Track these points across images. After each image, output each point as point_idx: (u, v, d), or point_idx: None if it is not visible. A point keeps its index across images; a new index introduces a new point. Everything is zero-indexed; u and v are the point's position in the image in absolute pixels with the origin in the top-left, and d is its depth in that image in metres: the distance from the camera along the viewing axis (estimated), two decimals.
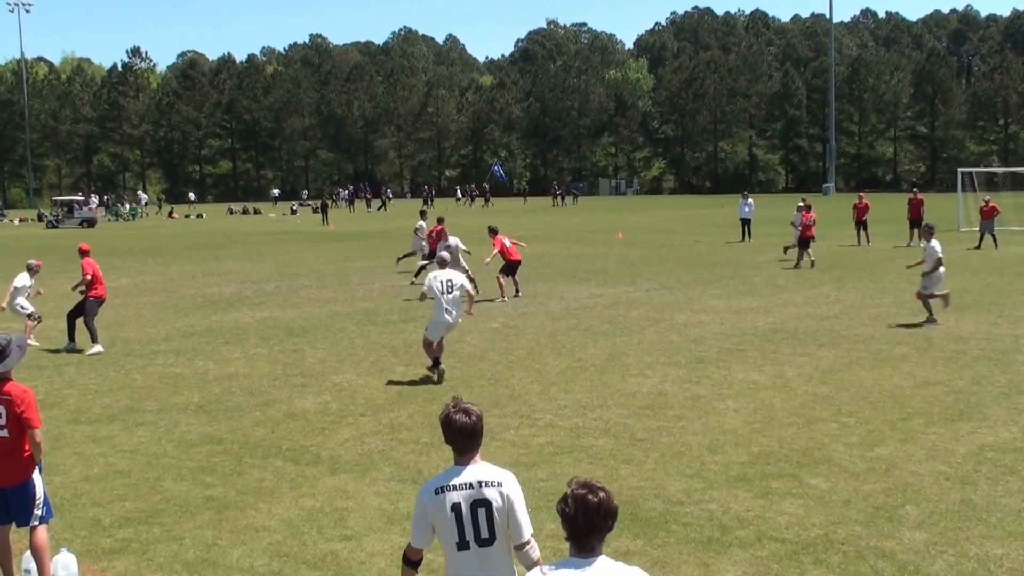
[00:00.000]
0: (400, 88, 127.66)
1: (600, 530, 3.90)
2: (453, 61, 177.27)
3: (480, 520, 4.65)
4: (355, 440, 11.00)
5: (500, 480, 4.71)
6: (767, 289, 23.93)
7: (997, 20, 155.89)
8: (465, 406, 4.79)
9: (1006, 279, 25.40)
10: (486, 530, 4.65)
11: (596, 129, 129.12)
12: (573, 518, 3.87)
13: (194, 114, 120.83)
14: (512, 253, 23.36)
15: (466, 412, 4.75)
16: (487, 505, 4.65)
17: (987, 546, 7.62)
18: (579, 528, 3.88)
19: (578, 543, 3.92)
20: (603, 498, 3.90)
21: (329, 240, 45.04)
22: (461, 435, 4.74)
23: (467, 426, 4.73)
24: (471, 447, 4.78)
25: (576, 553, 3.94)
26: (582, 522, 3.87)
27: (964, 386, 13.07)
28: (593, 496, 3.88)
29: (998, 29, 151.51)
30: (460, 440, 4.75)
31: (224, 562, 7.65)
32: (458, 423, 4.73)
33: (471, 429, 4.74)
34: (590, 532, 3.89)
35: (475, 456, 4.80)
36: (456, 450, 4.81)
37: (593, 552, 3.92)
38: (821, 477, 9.36)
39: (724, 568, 7.32)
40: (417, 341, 17.32)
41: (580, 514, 3.86)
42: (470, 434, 4.75)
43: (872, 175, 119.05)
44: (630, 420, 11.62)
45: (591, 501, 3.87)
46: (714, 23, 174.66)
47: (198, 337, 18.38)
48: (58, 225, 62.95)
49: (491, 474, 4.74)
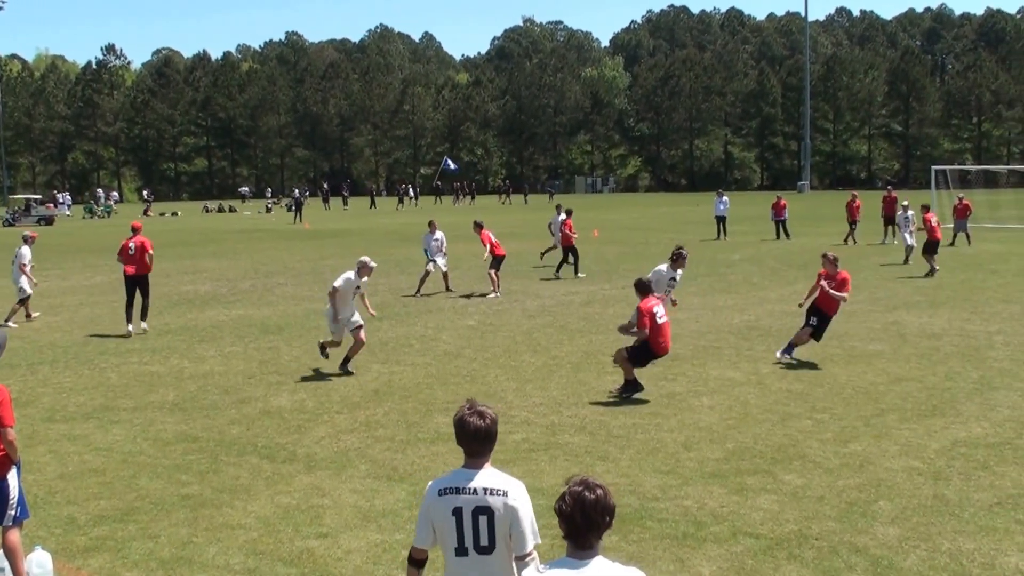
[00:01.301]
0: (376, 86, 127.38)
1: (598, 527, 3.88)
2: (429, 59, 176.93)
3: (481, 527, 4.57)
4: (331, 438, 10.98)
5: (506, 489, 4.60)
6: (742, 287, 24.06)
7: (971, 19, 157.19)
8: (480, 409, 4.67)
9: (979, 276, 25.64)
10: (486, 538, 4.57)
11: (572, 127, 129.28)
12: (570, 516, 3.86)
13: (169, 112, 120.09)
14: (499, 248, 23.71)
15: (481, 415, 4.64)
16: (489, 513, 4.56)
17: (959, 541, 7.70)
18: (576, 526, 3.87)
19: (575, 541, 3.90)
20: (600, 495, 3.88)
21: (304, 238, 44.89)
22: (475, 439, 4.63)
23: (481, 429, 4.62)
24: (483, 451, 4.67)
25: (573, 552, 3.92)
26: (579, 520, 3.85)
27: (937, 382, 13.19)
28: (590, 493, 3.86)
29: (971, 28, 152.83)
30: (473, 443, 4.65)
31: (200, 560, 7.62)
32: (472, 426, 4.62)
33: (485, 433, 4.63)
34: (587, 530, 3.87)
35: (486, 460, 4.69)
36: (467, 453, 4.70)
37: (591, 550, 3.91)
38: (795, 473, 9.43)
39: (699, 563, 7.36)
40: (393, 339, 17.33)
41: (577, 512, 3.85)
42: (484, 438, 4.64)
43: (847, 173, 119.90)
44: (605, 417, 11.67)
45: (588, 498, 3.85)
46: (690, 21, 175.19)
47: (173, 335, 18.29)
48: (15, 223, 63.09)
49: (499, 482, 4.63)
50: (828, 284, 14.78)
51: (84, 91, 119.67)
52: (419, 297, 22.97)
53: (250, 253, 36.75)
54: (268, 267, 31.04)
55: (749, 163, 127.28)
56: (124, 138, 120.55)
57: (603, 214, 61.14)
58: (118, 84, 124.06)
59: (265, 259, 34.01)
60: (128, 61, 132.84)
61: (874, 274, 26.04)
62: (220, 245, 41.24)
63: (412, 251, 34.10)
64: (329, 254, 35.63)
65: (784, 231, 38.84)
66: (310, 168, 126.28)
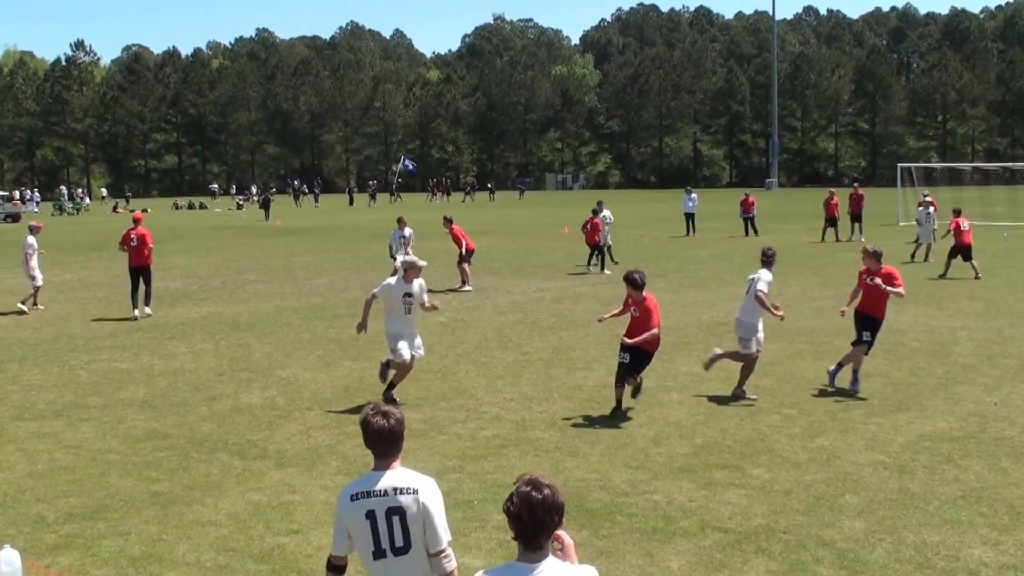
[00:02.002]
0: (347, 83, 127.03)
1: (546, 527, 3.81)
2: (400, 56, 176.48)
3: (395, 528, 4.51)
4: (302, 434, 10.97)
5: (416, 487, 4.53)
6: (712, 283, 24.21)
7: (935, 18, 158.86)
8: (385, 409, 4.60)
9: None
10: (401, 538, 4.51)
11: (542, 124, 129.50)
12: (518, 516, 3.79)
13: (139, 108, 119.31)
14: (469, 242, 23.87)
15: (385, 415, 4.57)
16: (401, 513, 4.50)
17: (924, 533, 7.82)
18: (525, 526, 3.80)
19: (525, 541, 3.84)
20: (548, 495, 3.80)
21: (275, 235, 44.70)
22: (379, 439, 4.56)
23: (384, 429, 4.55)
24: (389, 452, 4.60)
25: (523, 553, 3.86)
26: (527, 520, 3.78)
27: (903, 377, 13.36)
28: (538, 493, 3.79)
29: (936, 27, 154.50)
30: (378, 444, 4.58)
31: (170, 557, 7.61)
32: (375, 426, 4.55)
33: (388, 433, 4.56)
34: (536, 530, 3.80)
35: (394, 461, 4.61)
36: (374, 454, 4.63)
37: (541, 550, 3.84)
38: (763, 467, 9.52)
39: (668, 558, 7.43)
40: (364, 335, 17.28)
41: (525, 512, 3.78)
42: (388, 438, 4.56)
43: (814, 170, 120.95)
44: (575, 413, 11.73)
45: (535, 498, 3.78)
46: (659, 19, 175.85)
47: (143, 332, 18.18)
48: None
49: (407, 480, 4.56)
50: (873, 280, 12.95)
51: (53, 87, 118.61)
52: None
53: (221, 250, 36.56)
54: (239, 264, 30.89)
55: (718, 160, 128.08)
56: (93, 135, 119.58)
57: (573, 211, 61.20)
58: (87, 80, 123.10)
59: (236, 256, 33.84)
60: (98, 57, 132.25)
61: (841, 271, 26.27)
62: (190, 242, 40.97)
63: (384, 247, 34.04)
64: (300, 251, 35.51)
65: (752, 228, 39.12)
66: (281, 165, 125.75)
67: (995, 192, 63.07)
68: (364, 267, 28.96)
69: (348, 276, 26.96)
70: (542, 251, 33.83)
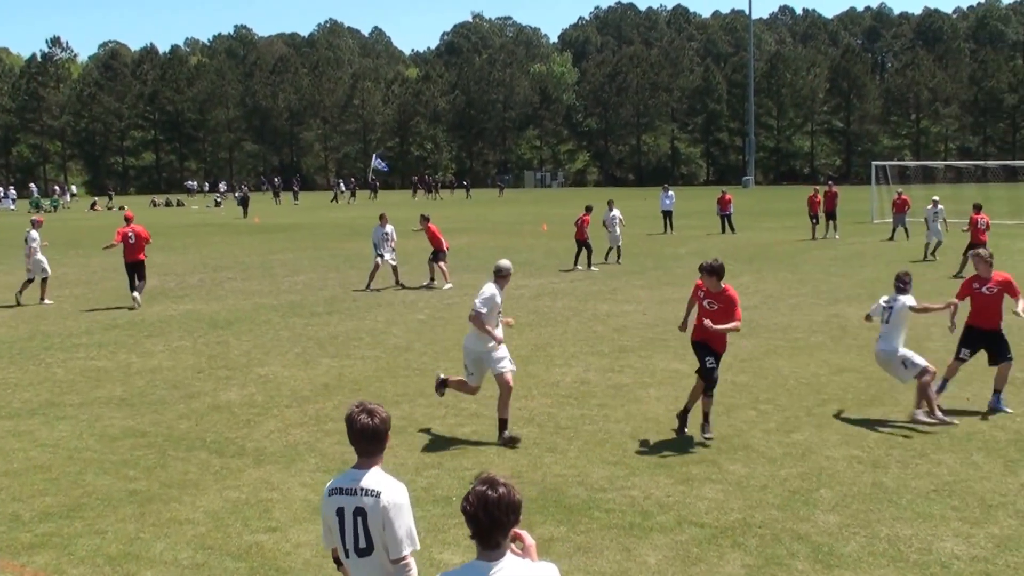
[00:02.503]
0: (326, 80, 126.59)
1: (502, 526, 3.79)
2: (379, 54, 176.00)
3: (359, 528, 4.52)
4: (280, 432, 10.97)
5: (380, 490, 4.50)
6: (689, 280, 24.22)
7: (909, 18, 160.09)
8: (371, 407, 4.59)
9: (917, 269, 26.10)
10: (363, 540, 4.52)
11: (521, 122, 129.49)
12: (474, 515, 3.77)
13: (116, 105, 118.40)
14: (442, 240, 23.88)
15: (370, 413, 4.55)
16: (363, 514, 4.50)
17: (897, 527, 7.91)
18: (480, 525, 3.79)
19: (481, 540, 3.82)
20: (503, 493, 3.78)
21: (253, 232, 44.54)
22: (362, 437, 4.57)
23: (367, 428, 4.54)
24: (371, 451, 4.60)
25: (481, 552, 3.85)
26: (483, 518, 3.77)
27: (876, 372, 13.42)
28: (493, 491, 3.77)
29: (910, 27, 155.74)
30: (360, 442, 4.59)
31: (147, 555, 7.60)
32: (359, 424, 4.55)
33: (371, 432, 4.55)
34: (491, 528, 3.79)
35: (375, 461, 4.61)
36: (357, 452, 4.63)
37: (498, 549, 3.83)
38: (739, 463, 9.60)
39: (645, 552, 7.49)
40: (343, 333, 17.30)
41: (481, 510, 3.76)
42: (371, 436, 4.56)
43: (790, 168, 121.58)
44: (554, 409, 11.78)
45: (491, 497, 3.76)
46: (637, 18, 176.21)
47: (120, 330, 18.10)
48: None
49: (375, 483, 4.53)
50: (989, 290, 11.76)
51: (29, 84, 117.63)
52: (369, 291, 22.94)
53: (199, 247, 36.40)
54: (217, 262, 30.78)
55: (695, 158, 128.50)
56: (70, 132, 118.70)
57: (552, 208, 61.34)
58: (64, 77, 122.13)
59: (214, 253, 33.71)
60: (74, 54, 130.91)
61: (816, 268, 26.45)
62: (168, 239, 40.72)
63: (362, 245, 33.99)
64: (279, 248, 35.41)
65: (729, 225, 39.31)
66: (259, 162, 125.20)
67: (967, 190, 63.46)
68: (343, 265, 28.92)
69: (327, 274, 26.91)
70: (521, 248, 33.85)
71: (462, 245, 33.55)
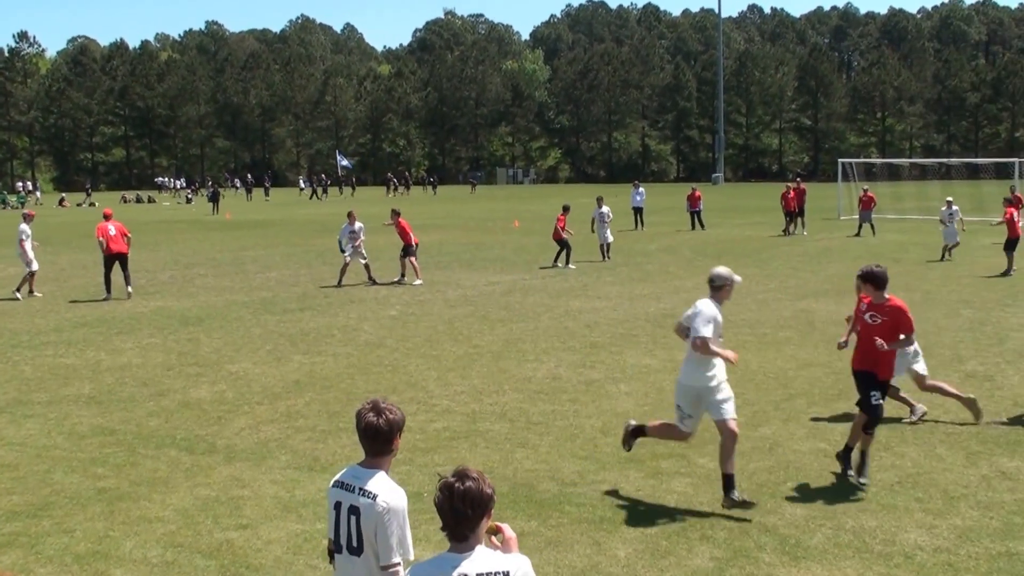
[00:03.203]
0: (297, 76, 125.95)
1: (469, 519, 3.82)
2: (351, 50, 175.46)
3: (352, 527, 4.50)
4: (251, 429, 10.95)
5: (376, 493, 4.46)
6: (659, 276, 24.45)
7: (875, 17, 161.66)
8: (382, 406, 4.55)
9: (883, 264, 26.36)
10: (355, 539, 4.50)
11: (493, 119, 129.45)
12: (441, 507, 3.82)
13: (85, 101, 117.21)
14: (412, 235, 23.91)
15: (378, 412, 4.52)
16: (358, 514, 4.48)
17: (862, 519, 8.02)
18: (447, 517, 3.83)
19: (451, 532, 3.86)
20: (470, 486, 3.81)
21: (225, 229, 44.30)
22: (366, 435, 4.55)
23: (371, 426, 4.51)
24: (375, 450, 4.56)
25: (452, 545, 3.89)
26: (449, 511, 3.81)
27: (843, 367, 13.54)
28: (461, 484, 3.81)
29: (876, 26, 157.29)
30: (364, 440, 4.57)
31: (116, 554, 7.57)
32: (364, 421, 4.53)
33: (374, 431, 4.51)
34: (457, 521, 3.83)
35: (380, 462, 4.57)
36: (364, 449, 4.60)
37: (467, 541, 3.86)
38: (708, 457, 9.67)
39: (615, 546, 7.55)
40: (315, 329, 17.28)
41: (447, 503, 3.81)
42: (373, 435, 4.52)
43: (759, 165, 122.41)
44: (525, 404, 11.83)
45: (458, 489, 3.80)
46: (608, 16, 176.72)
47: (89, 327, 17.98)
48: None
49: (373, 485, 4.49)
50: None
51: None
52: (341, 288, 22.92)
53: (169, 244, 36.19)
54: (188, 258, 30.62)
55: (665, 155, 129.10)
56: (39, 127, 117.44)
57: (524, 205, 61.42)
58: (32, 72, 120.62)
59: (185, 250, 33.53)
60: (42, 49, 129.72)
61: (784, 264, 26.66)
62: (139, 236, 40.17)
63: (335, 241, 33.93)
64: (250, 244, 35.27)
65: (699, 222, 39.54)
66: (231, 159, 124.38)
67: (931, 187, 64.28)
68: (315, 261, 28.85)
69: (299, 270, 26.84)
70: (492, 245, 33.91)
71: (434, 241, 33.55)
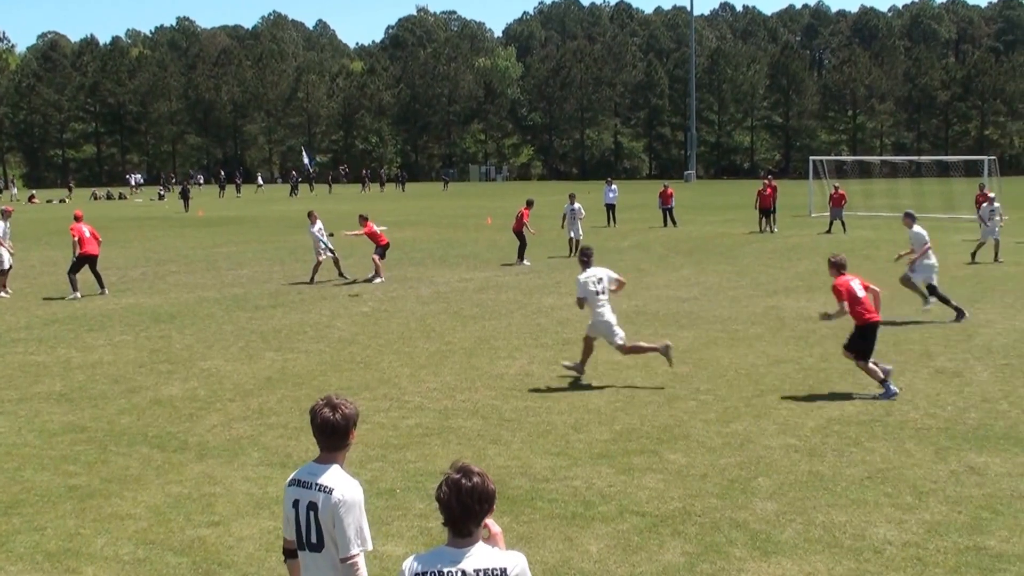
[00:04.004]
0: (270, 73, 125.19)
1: (474, 514, 3.87)
2: (323, 47, 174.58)
3: (311, 523, 4.49)
4: (223, 426, 10.92)
5: (332, 487, 4.44)
6: (630, 272, 24.42)
7: (846, 16, 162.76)
8: (336, 402, 4.52)
9: (854, 261, 26.26)
10: (315, 535, 4.48)
11: (466, 116, 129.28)
12: (447, 503, 3.86)
13: (56, 97, 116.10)
14: (382, 238, 23.82)
15: (333, 408, 4.49)
16: (315, 509, 4.46)
17: (832, 514, 8.10)
18: (453, 513, 3.87)
19: (454, 527, 3.91)
20: (477, 483, 3.86)
21: (197, 226, 44.03)
22: (322, 431, 4.50)
23: (328, 422, 4.47)
24: (330, 445, 4.53)
25: (452, 540, 3.93)
26: (455, 507, 3.86)
27: (813, 363, 13.75)
28: (467, 480, 3.86)
29: (847, 24, 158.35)
30: (320, 436, 4.52)
31: (87, 551, 7.54)
32: (320, 418, 4.48)
33: (331, 427, 4.47)
34: (464, 517, 3.87)
35: (336, 456, 4.55)
36: (319, 445, 4.57)
37: (469, 536, 3.91)
38: (680, 452, 9.75)
39: (587, 542, 7.59)
40: (287, 326, 17.24)
41: (454, 499, 3.84)
42: (330, 432, 4.48)
43: (731, 163, 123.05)
44: (498, 401, 11.86)
45: (465, 485, 3.84)
46: (580, 13, 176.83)
47: (60, 324, 17.84)
48: None
49: (328, 479, 4.47)
50: None
51: None
52: (313, 284, 22.88)
53: (141, 241, 35.94)
54: (160, 255, 30.42)
55: (638, 152, 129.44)
56: (8, 123, 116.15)
57: (496, 202, 61.39)
58: (1, 68, 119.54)
59: (157, 247, 33.31)
60: (12, 45, 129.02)
61: (756, 261, 26.82)
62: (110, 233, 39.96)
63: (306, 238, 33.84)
64: (221, 241, 35.08)
65: (671, 219, 39.68)
66: (203, 155, 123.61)
67: (902, 184, 64.93)
68: (287, 258, 28.74)
69: (271, 267, 26.74)
70: (465, 242, 33.90)
71: (406, 238, 33.50)
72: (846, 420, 10.83)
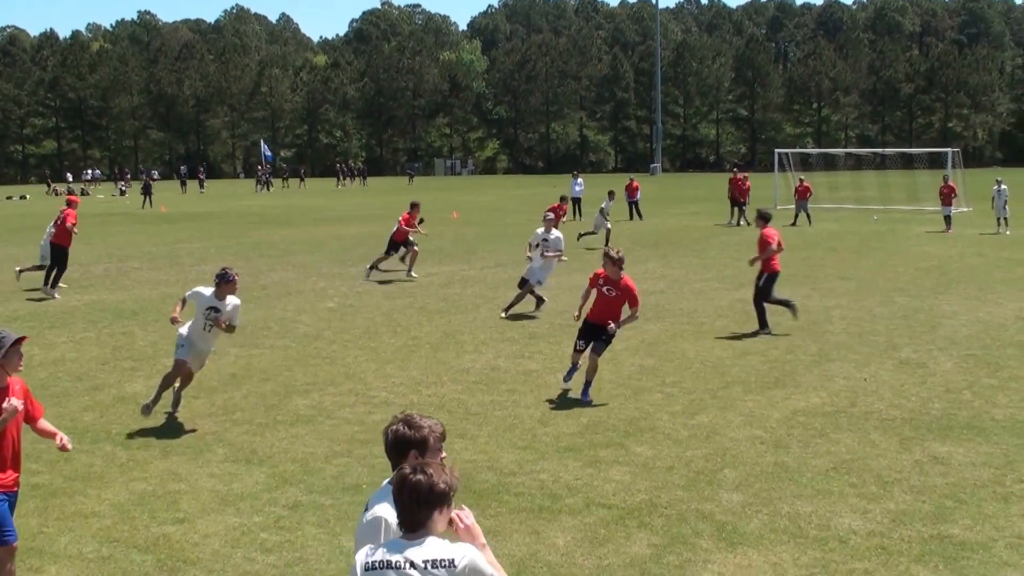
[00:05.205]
0: (232, 67, 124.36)
1: (416, 512, 3.83)
2: (287, 40, 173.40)
3: None
4: (187, 423, 10.82)
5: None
6: (597, 266, 24.45)
7: (811, 8, 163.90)
8: (417, 421, 4.35)
9: (819, 253, 26.87)
10: None
11: (431, 110, 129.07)
12: (395, 495, 3.86)
13: (15, 92, 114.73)
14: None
15: (409, 425, 4.30)
16: None
17: (798, 504, 8.16)
18: (398, 505, 3.86)
19: (403, 521, 3.88)
20: (419, 480, 3.81)
21: (160, 222, 43.62)
22: (392, 448, 4.32)
23: (403, 437, 4.29)
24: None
25: (404, 533, 3.90)
26: (397, 500, 3.85)
27: (779, 355, 13.84)
28: (412, 476, 3.82)
29: (811, 17, 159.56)
30: (390, 454, 4.34)
31: (51, 550, 7.47)
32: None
33: (405, 441, 4.29)
34: (413, 510, 3.84)
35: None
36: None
37: (421, 530, 3.87)
38: (646, 445, 9.79)
39: (554, 535, 7.60)
40: (252, 322, 17.10)
41: (397, 493, 3.84)
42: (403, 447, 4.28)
43: (696, 156, 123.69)
44: (464, 395, 11.85)
45: (409, 481, 3.81)
46: (545, 6, 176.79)
47: (21, 321, 17.58)
48: None
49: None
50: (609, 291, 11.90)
51: None
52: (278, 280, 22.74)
53: (103, 237, 35.50)
54: (122, 251, 30.10)
55: (604, 146, 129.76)
56: None
57: (462, 196, 61.35)
58: None
59: (119, 243, 32.94)
60: None
61: (722, 253, 26.97)
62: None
63: (271, 233, 33.67)
64: (185, 237, 34.76)
65: (637, 212, 39.82)
66: (165, 150, 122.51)
67: (866, 177, 65.43)
68: (251, 253, 28.53)
69: (235, 262, 26.43)
70: (431, 236, 33.76)
71: (371, 233, 33.35)
72: (811, 412, 10.91)
